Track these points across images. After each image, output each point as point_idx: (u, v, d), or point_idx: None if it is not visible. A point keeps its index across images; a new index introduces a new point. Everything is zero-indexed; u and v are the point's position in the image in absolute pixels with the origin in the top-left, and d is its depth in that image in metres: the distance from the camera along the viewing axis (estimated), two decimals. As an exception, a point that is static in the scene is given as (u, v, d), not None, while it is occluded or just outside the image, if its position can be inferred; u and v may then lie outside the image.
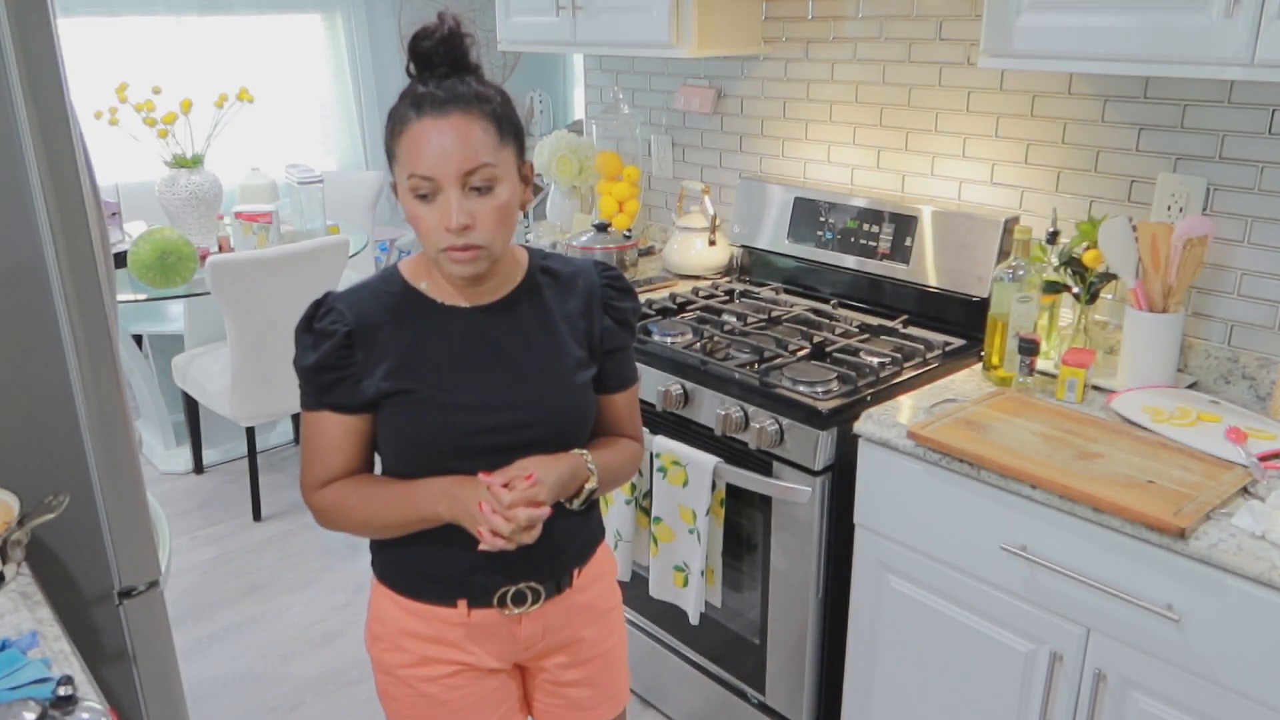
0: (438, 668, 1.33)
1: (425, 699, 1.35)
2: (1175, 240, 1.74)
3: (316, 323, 1.24)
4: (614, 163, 2.90)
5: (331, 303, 1.24)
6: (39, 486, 1.39)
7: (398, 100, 1.19)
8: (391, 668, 1.35)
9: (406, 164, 1.16)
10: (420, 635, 1.32)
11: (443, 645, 1.33)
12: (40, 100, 1.29)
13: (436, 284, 1.27)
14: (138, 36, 4.48)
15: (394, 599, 1.33)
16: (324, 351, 1.23)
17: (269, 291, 3.12)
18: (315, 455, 1.28)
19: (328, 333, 1.23)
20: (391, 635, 1.34)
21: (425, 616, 1.32)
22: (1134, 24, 1.55)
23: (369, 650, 1.39)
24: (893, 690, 1.87)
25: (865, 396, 1.85)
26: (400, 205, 1.20)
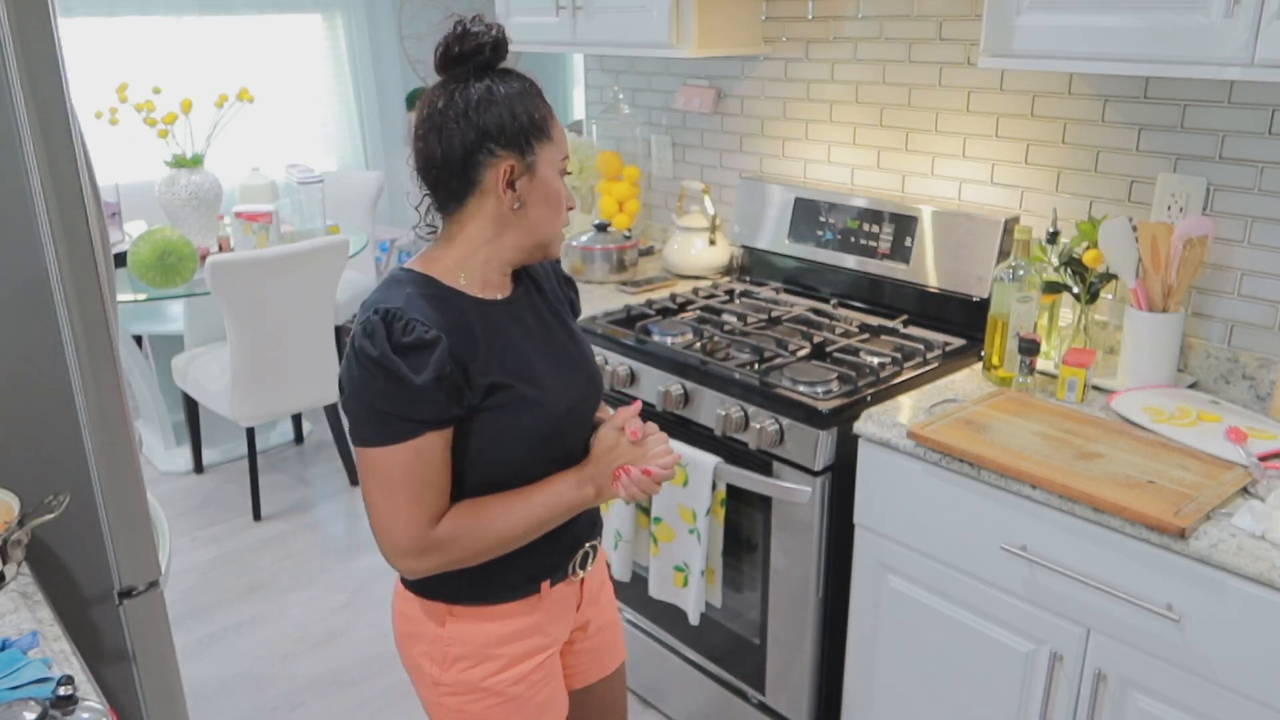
0: (528, 662, 1.35)
1: (510, 701, 1.35)
2: (1175, 240, 1.74)
3: (404, 338, 1.15)
4: (614, 163, 2.90)
5: (401, 314, 1.16)
6: (39, 486, 1.39)
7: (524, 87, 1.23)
8: (476, 683, 1.33)
9: (561, 145, 1.25)
10: (508, 637, 1.33)
11: (529, 637, 1.35)
12: (40, 100, 1.29)
13: (471, 279, 1.27)
14: (138, 36, 4.48)
15: (475, 613, 1.32)
16: (435, 363, 1.16)
17: (269, 291, 3.12)
18: (419, 490, 1.19)
19: (427, 343, 1.16)
20: (477, 651, 1.32)
21: (512, 614, 1.33)
22: (1134, 24, 1.55)
23: (436, 681, 1.34)
24: (893, 690, 1.87)
25: (865, 396, 1.85)
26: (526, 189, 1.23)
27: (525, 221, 1.25)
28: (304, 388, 3.37)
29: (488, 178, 1.21)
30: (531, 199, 1.23)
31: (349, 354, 1.18)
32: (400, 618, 1.39)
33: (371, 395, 1.17)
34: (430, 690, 1.36)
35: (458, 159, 1.20)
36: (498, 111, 1.20)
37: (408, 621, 1.37)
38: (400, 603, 1.39)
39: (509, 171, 1.21)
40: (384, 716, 2.47)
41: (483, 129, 1.19)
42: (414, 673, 1.39)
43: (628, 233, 2.74)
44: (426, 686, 1.37)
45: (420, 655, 1.35)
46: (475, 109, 1.19)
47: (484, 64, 1.22)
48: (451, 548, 1.23)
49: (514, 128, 1.20)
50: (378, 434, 1.18)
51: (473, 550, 1.24)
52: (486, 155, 1.20)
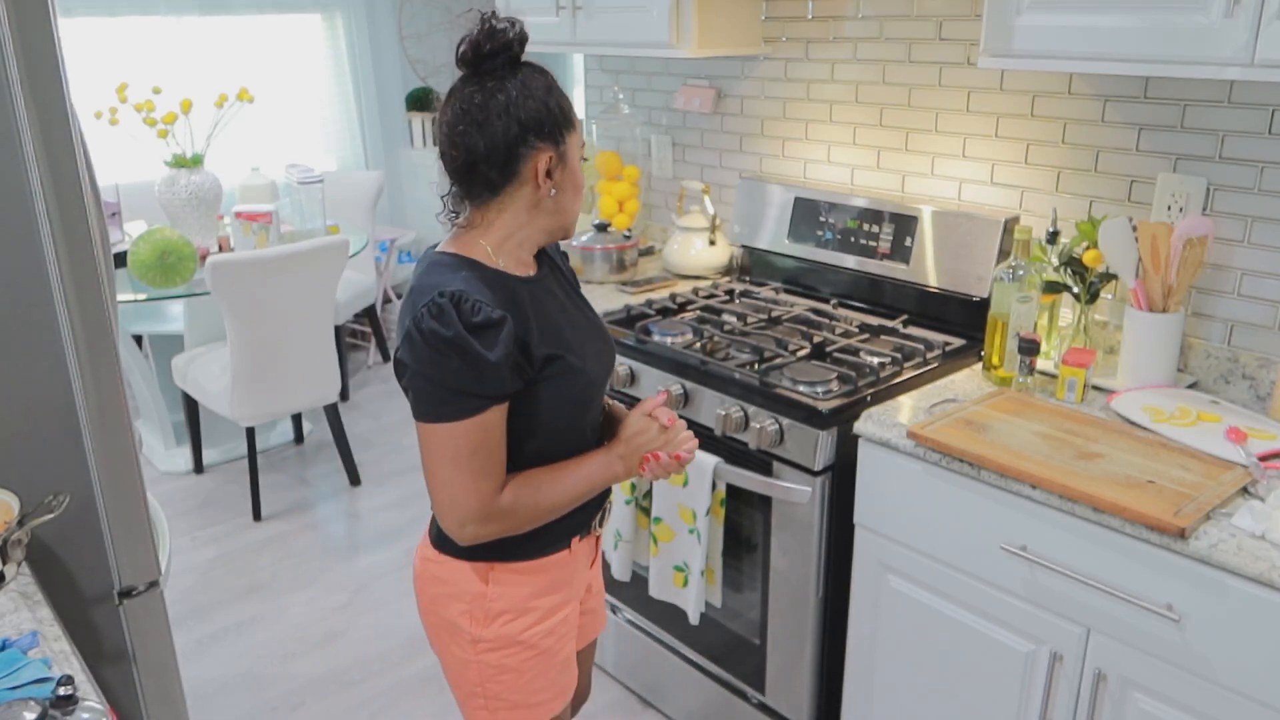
0: (558, 615, 1.46)
1: (541, 654, 1.45)
2: (1175, 240, 1.74)
3: (474, 318, 1.22)
4: (614, 163, 2.90)
5: (468, 296, 1.23)
6: (39, 486, 1.39)
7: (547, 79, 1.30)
8: (515, 636, 1.42)
9: (580, 132, 1.34)
10: (544, 590, 1.43)
11: (559, 590, 1.45)
12: (40, 100, 1.29)
13: (507, 261, 1.34)
14: (138, 36, 4.48)
15: (515, 569, 1.40)
16: (504, 340, 1.23)
17: (269, 291, 3.12)
18: (485, 462, 1.28)
19: (495, 321, 1.23)
20: (519, 604, 1.41)
21: (547, 568, 1.42)
22: (1134, 24, 1.55)
23: (476, 639, 1.41)
24: (893, 690, 1.87)
25: (865, 396, 1.85)
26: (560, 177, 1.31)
27: (556, 206, 1.33)
28: (304, 388, 3.37)
29: (527, 168, 1.29)
30: (563, 186, 1.33)
31: (413, 336, 1.23)
32: (433, 581, 1.43)
33: (444, 374, 1.22)
34: (468, 649, 1.42)
35: (501, 152, 1.27)
36: (534, 105, 1.27)
37: (443, 584, 1.42)
38: (433, 568, 1.43)
39: (548, 161, 1.29)
40: (384, 716, 2.47)
41: (524, 123, 1.26)
42: (448, 634, 1.44)
43: (628, 233, 2.74)
44: (463, 646, 1.42)
45: (459, 615, 1.41)
46: (516, 104, 1.26)
47: (510, 59, 1.28)
48: (511, 516, 1.32)
49: (550, 120, 1.28)
50: (448, 411, 1.24)
51: (528, 518, 1.33)
52: (527, 148, 1.27)
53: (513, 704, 1.46)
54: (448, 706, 2.50)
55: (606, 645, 2.53)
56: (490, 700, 1.45)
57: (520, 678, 1.44)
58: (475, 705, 1.47)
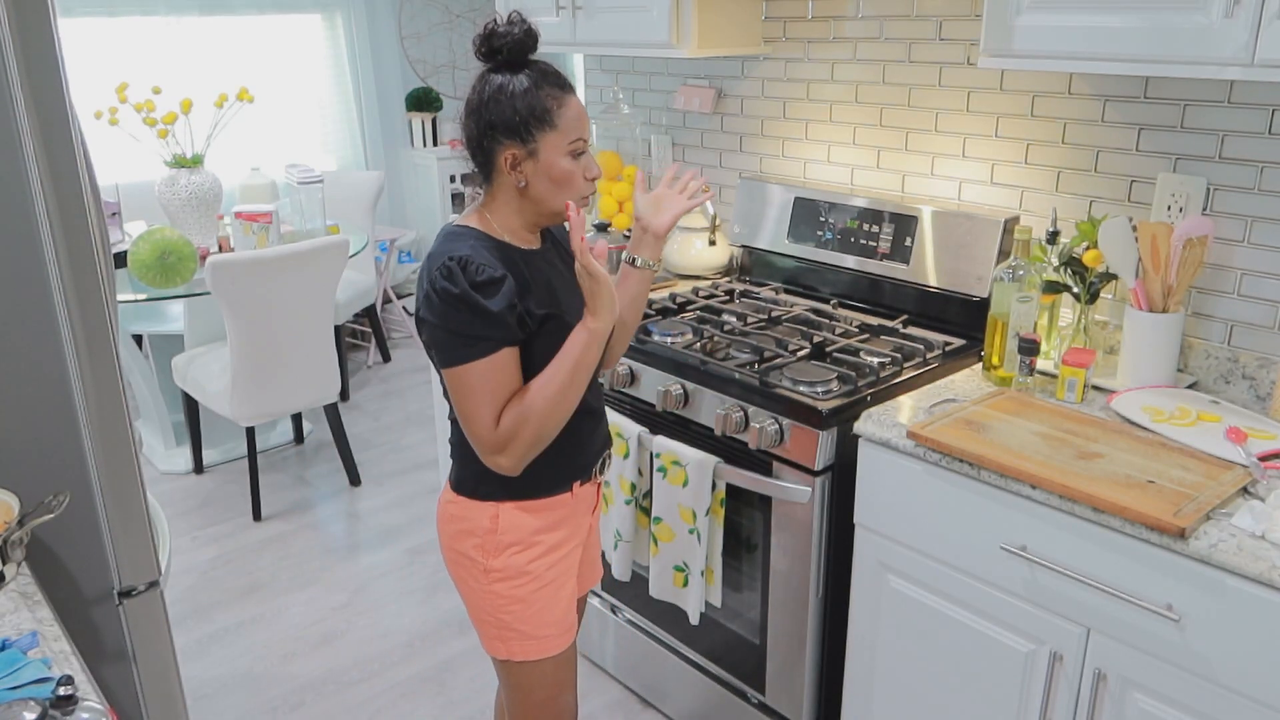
0: (561, 550, 1.60)
1: (546, 585, 1.60)
2: (1175, 240, 1.74)
3: (478, 277, 1.39)
4: (614, 163, 2.90)
5: (471, 259, 1.40)
6: (39, 486, 1.39)
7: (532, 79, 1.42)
8: (522, 566, 1.57)
9: (571, 130, 1.44)
10: (547, 527, 1.58)
11: (560, 529, 1.60)
12: (40, 100, 1.29)
13: (511, 235, 1.51)
14: (138, 36, 4.48)
15: (524, 507, 1.56)
16: (505, 294, 1.41)
17: (269, 291, 3.12)
18: (492, 395, 1.43)
19: (497, 279, 1.41)
20: (525, 537, 1.56)
21: (551, 508, 1.58)
22: (1134, 24, 1.55)
23: (487, 569, 1.57)
24: (893, 690, 1.87)
25: (865, 396, 1.85)
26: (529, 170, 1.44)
27: (533, 195, 1.47)
28: (304, 388, 3.37)
29: (497, 161, 1.46)
30: (535, 179, 1.45)
31: (428, 295, 1.42)
32: (450, 519, 1.59)
33: (456, 323, 1.40)
34: (480, 579, 1.58)
35: (476, 144, 1.46)
36: (501, 107, 1.42)
37: (459, 521, 1.58)
38: (452, 508, 1.59)
39: (511, 158, 1.44)
40: (384, 716, 2.47)
41: (490, 122, 1.43)
42: (464, 565, 1.59)
43: (627, 233, 2.74)
44: (476, 576, 1.58)
45: (472, 548, 1.57)
46: (485, 105, 1.43)
47: (509, 59, 1.43)
48: (519, 432, 1.44)
49: (514, 120, 1.42)
50: (462, 354, 1.42)
51: (537, 425, 1.45)
52: (493, 143, 1.44)
53: (522, 634, 1.60)
54: (447, 706, 2.50)
55: (606, 645, 2.53)
56: (503, 630, 1.60)
57: (529, 608, 1.59)
58: (490, 634, 1.62)
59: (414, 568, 3.14)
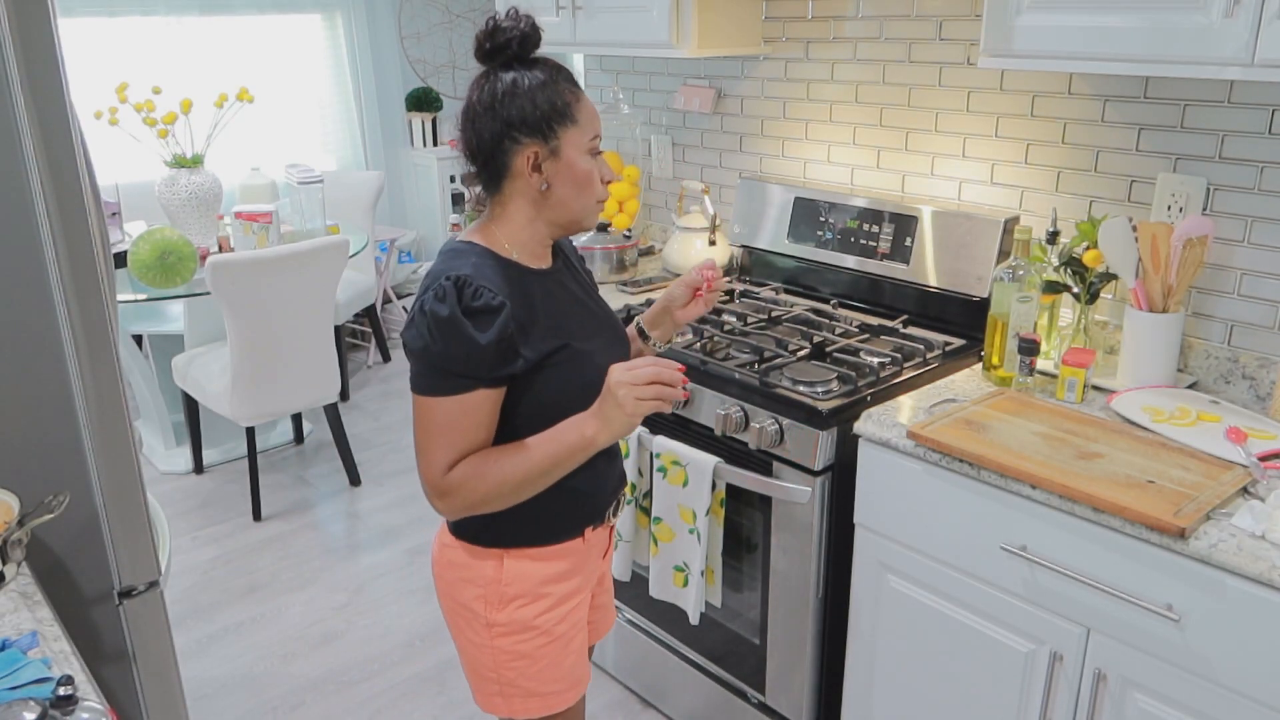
0: (571, 602, 1.48)
1: (554, 641, 1.47)
2: (1175, 240, 1.74)
3: (473, 302, 1.27)
4: (614, 163, 2.90)
5: (470, 280, 1.28)
6: (39, 486, 1.39)
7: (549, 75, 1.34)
8: (529, 621, 1.44)
9: (589, 126, 1.35)
10: (557, 576, 1.45)
11: (571, 579, 1.47)
12: (40, 100, 1.29)
13: (520, 252, 1.39)
14: (138, 36, 4.48)
15: (529, 555, 1.43)
16: (500, 326, 1.28)
17: (269, 291, 3.12)
18: (453, 438, 1.31)
19: (493, 308, 1.28)
20: (532, 589, 1.44)
21: (561, 555, 1.45)
22: (1134, 24, 1.55)
23: (490, 623, 1.43)
24: (893, 690, 1.87)
25: (865, 396, 1.85)
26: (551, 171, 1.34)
27: (555, 200, 1.36)
28: (304, 388, 3.37)
29: (516, 163, 1.33)
30: (558, 180, 1.34)
31: (417, 313, 1.30)
32: (449, 566, 1.46)
33: (436, 352, 1.28)
34: (482, 633, 1.44)
35: (489, 147, 1.33)
36: (520, 103, 1.31)
37: (458, 568, 1.45)
38: (449, 552, 1.46)
39: (533, 157, 1.33)
40: (384, 716, 2.47)
41: (507, 120, 1.31)
42: (464, 617, 1.46)
43: (628, 233, 2.74)
44: (478, 630, 1.45)
45: (473, 599, 1.44)
46: (500, 102, 1.31)
47: (514, 56, 1.34)
48: (462, 491, 1.32)
49: (535, 116, 1.31)
50: (434, 385, 1.30)
51: (483, 494, 1.32)
52: (512, 143, 1.32)
53: (526, 691, 1.47)
54: (448, 706, 2.50)
55: (606, 645, 2.53)
56: (505, 687, 1.47)
57: (534, 665, 1.46)
58: (489, 691, 1.49)
59: (414, 568, 3.14)
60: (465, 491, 1.32)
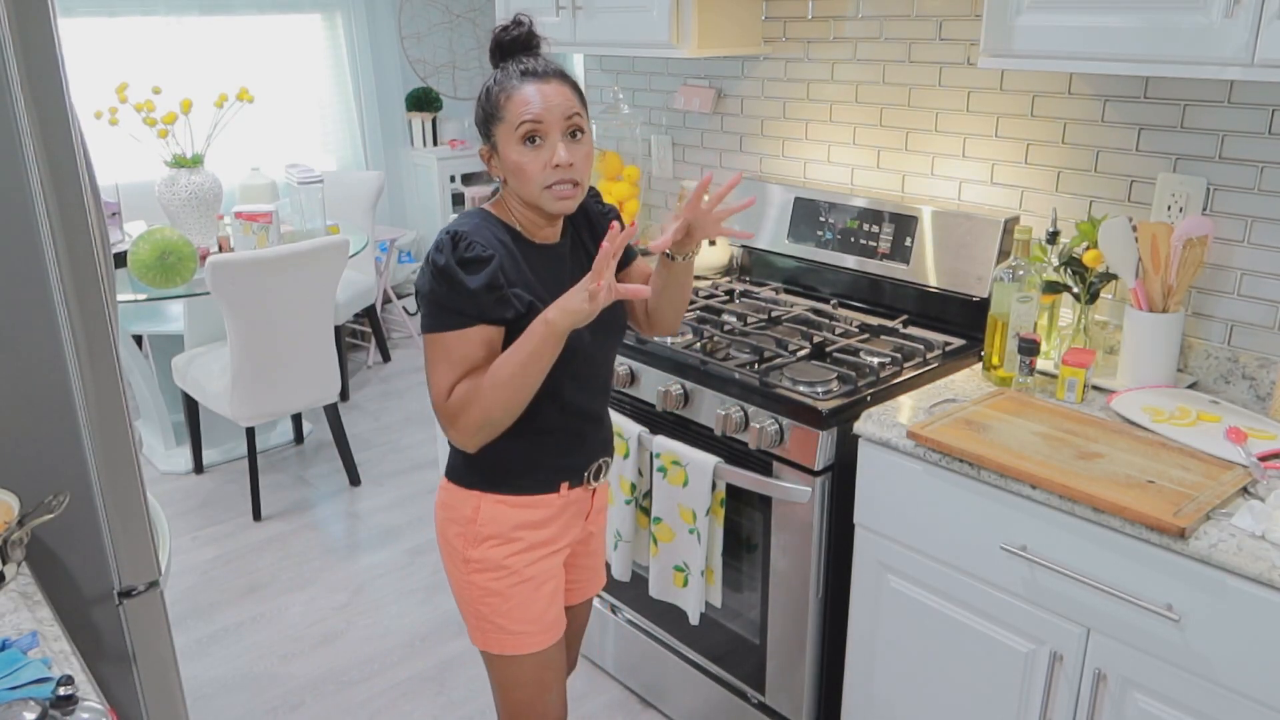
0: (541, 550, 1.60)
1: (524, 581, 1.60)
2: (1175, 240, 1.74)
3: (465, 253, 1.43)
4: (614, 163, 2.90)
5: (465, 235, 1.44)
6: (39, 486, 1.39)
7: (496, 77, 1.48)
8: (499, 560, 1.58)
9: (516, 116, 1.43)
10: (530, 524, 1.58)
11: (545, 528, 1.60)
12: (40, 100, 1.29)
13: (524, 225, 1.53)
14: (138, 36, 4.48)
15: (506, 501, 1.57)
16: (489, 273, 1.44)
17: (269, 291, 3.12)
18: (455, 367, 1.46)
19: (484, 258, 1.44)
20: (505, 532, 1.57)
21: (534, 505, 1.58)
22: (1134, 24, 1.55)
23: (466, 559, 1.59)
24: (893, 690, 1.87)
25: (865, 396, 1.85)
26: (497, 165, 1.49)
27: (512, 188, 1.51)
28: (304, 388, 3.37)
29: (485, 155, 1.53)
30: (505, 172, 1.49)
31: (425, 263, 1.47)
32: (441, 506, 1.63)
33: (438, 293, 1.45)
34: (461, 567, 1.60)
35: None
36: (476, 108, 1.51)
37: (447, 509, 1.61)
38: (443, 494, 1.63)
39: (486, 154, 1.52)
40: (384, 716, 2.47)
41: (476, 121, 1.52)
42: (449, 554, 1.62)
43: (628, 233, 2.73)
44: (457, 564, 1.61)
45: (454, 536, 1.60)
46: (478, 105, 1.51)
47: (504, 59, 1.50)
48: (467, 409, 1.46)
49: (481, 119, 1.50)
50: (437, 322, 1.46)
51: (484, 407, 1.45)
52: (484, 140, 1.52)
53: (499, 628, 1.61)
54: (447, 706, 2.50)
55: (606, 645, 2.53)
56: (480, 621, 1.62)
57: (506, 602, 1.60)
58: (472, 624, 1.65)
59: (414, 568, 3.14)
60: (469, 410, 1.46)
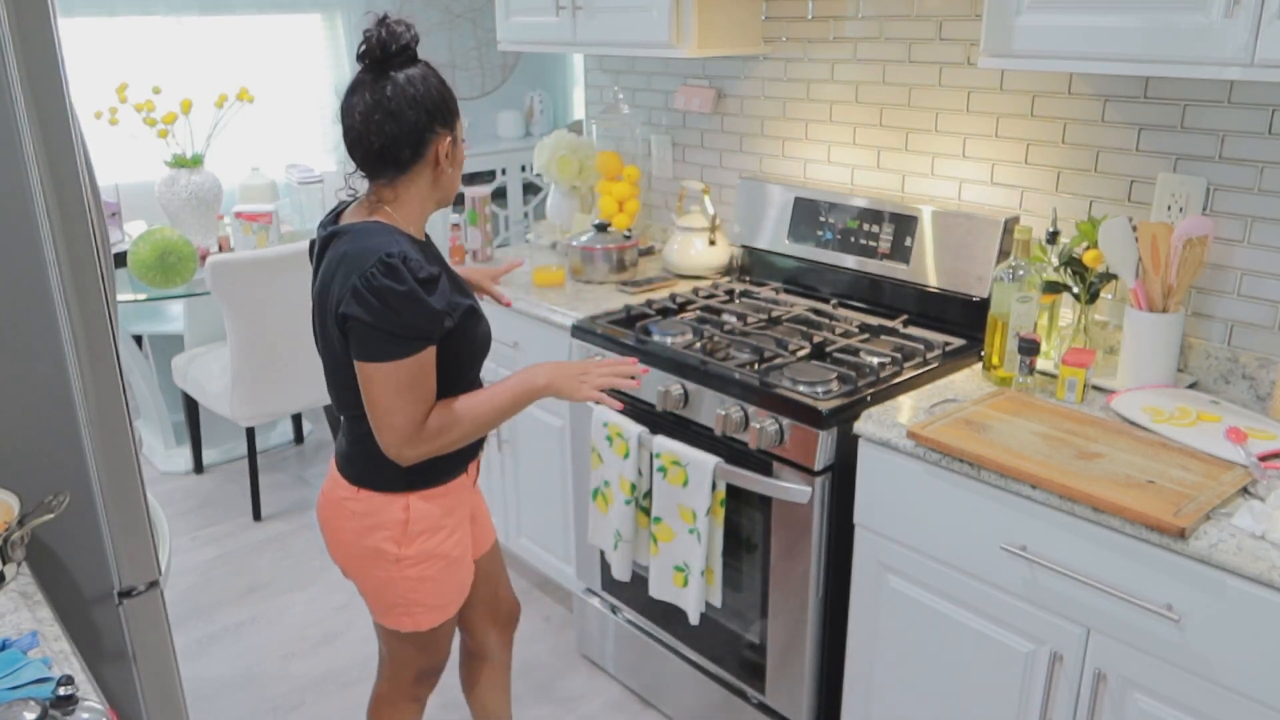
0: (461, 529, 1.71)
1: (452, 563, 1.70)
2: (1175, 240, 1.74)
3: (419, 274, 1.44)
4: (614, 163, 2.90)
5: (407, 255, 1.44)
6: (39, 486, 1.39)
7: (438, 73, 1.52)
8: (433, 550, 1.66)
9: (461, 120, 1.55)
10: (449, 510, 1.68)
11: (460, 510, 1.71)
12: (40, 100, 1.29)
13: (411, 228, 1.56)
14: (138, 36, 4.48)
15: (427, 496, 1.64)
16: (441, 291, 1.48)
17: (269, 291, 3.12)
18: (420, 394, 1.50)
19: (435, 277, 1.48)
20: (434, 523, 1.65)
21: (452, 491, 1.68)
22: (1134, 24, 1.55)
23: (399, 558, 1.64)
24: (893, 690, 1.87)
25: (865, 396, 1.85)
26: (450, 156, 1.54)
27: (447, 181, 1.57)
28: (304, 388, 3.37)
29: (431, 150, 1.52)
30: (454, 163, 1.56)
31: (362, 293, 1.43)
32: (352, 516, 1.64)
33: (394, 320, 1.43)
34: (392, 568, 1.65)
35: (413, 137, 1.49)
36: (434, 97, 1.49)
37: (366, 517, 1.63)
38: (352, 504, 1.64)
39: (447, 144, 1.53)
40: (384, 716, 2.47)
41: (430, 112, 1.49)
42: (370, 560, 1.65)
43: (628, 233, 2.74)
44: (386, 567, 1.65)
45: (382, 540, 1.63)
46: (422, 96, 1.48)
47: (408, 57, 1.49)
48: (441, 435, 1.54)
49: (445, 109, 1.51)
50: (394, 351, 1.45)
51: (458, 436, 1.56)
52: (432, 134, 1.50)
53: (430, 607, 1.70)
54: (446, 706, 2.50)
55: (606, 645, 2.53)
56: (411, 607, 1.69)
57: (436, 585, 1.69)
58: (397, 615, 1.71)
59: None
60: (443, 435, 1.54)
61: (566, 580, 2.67)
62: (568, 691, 2.54)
